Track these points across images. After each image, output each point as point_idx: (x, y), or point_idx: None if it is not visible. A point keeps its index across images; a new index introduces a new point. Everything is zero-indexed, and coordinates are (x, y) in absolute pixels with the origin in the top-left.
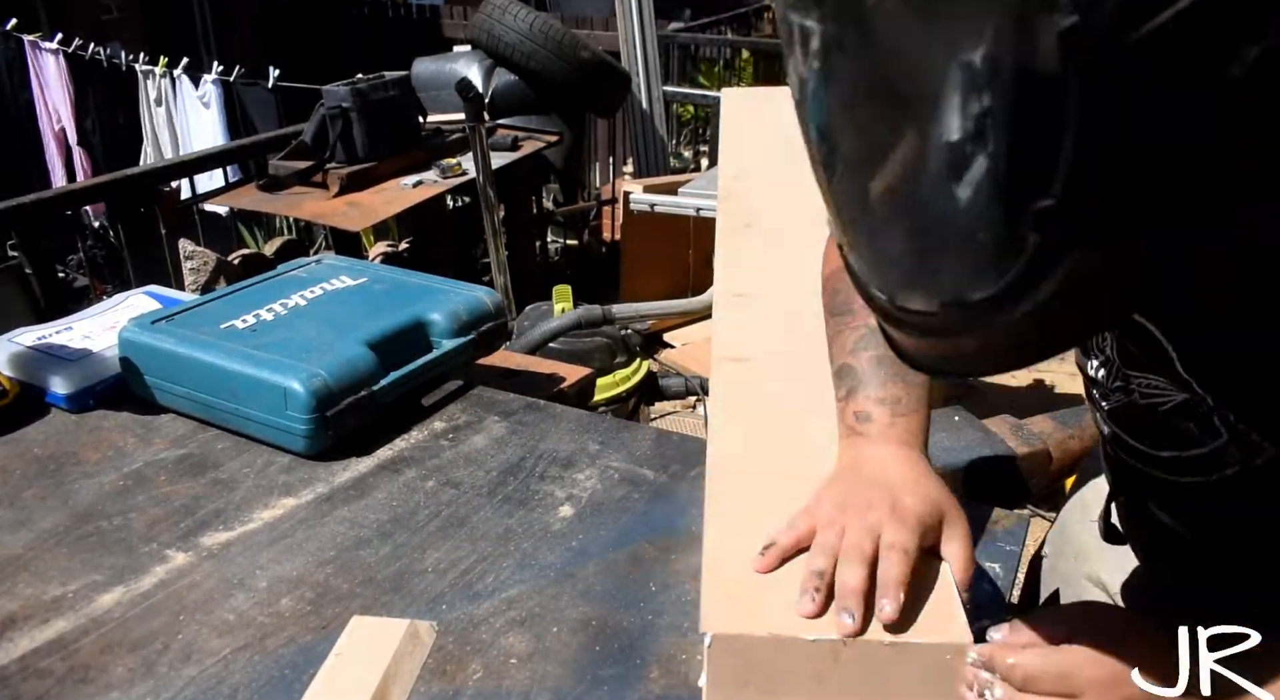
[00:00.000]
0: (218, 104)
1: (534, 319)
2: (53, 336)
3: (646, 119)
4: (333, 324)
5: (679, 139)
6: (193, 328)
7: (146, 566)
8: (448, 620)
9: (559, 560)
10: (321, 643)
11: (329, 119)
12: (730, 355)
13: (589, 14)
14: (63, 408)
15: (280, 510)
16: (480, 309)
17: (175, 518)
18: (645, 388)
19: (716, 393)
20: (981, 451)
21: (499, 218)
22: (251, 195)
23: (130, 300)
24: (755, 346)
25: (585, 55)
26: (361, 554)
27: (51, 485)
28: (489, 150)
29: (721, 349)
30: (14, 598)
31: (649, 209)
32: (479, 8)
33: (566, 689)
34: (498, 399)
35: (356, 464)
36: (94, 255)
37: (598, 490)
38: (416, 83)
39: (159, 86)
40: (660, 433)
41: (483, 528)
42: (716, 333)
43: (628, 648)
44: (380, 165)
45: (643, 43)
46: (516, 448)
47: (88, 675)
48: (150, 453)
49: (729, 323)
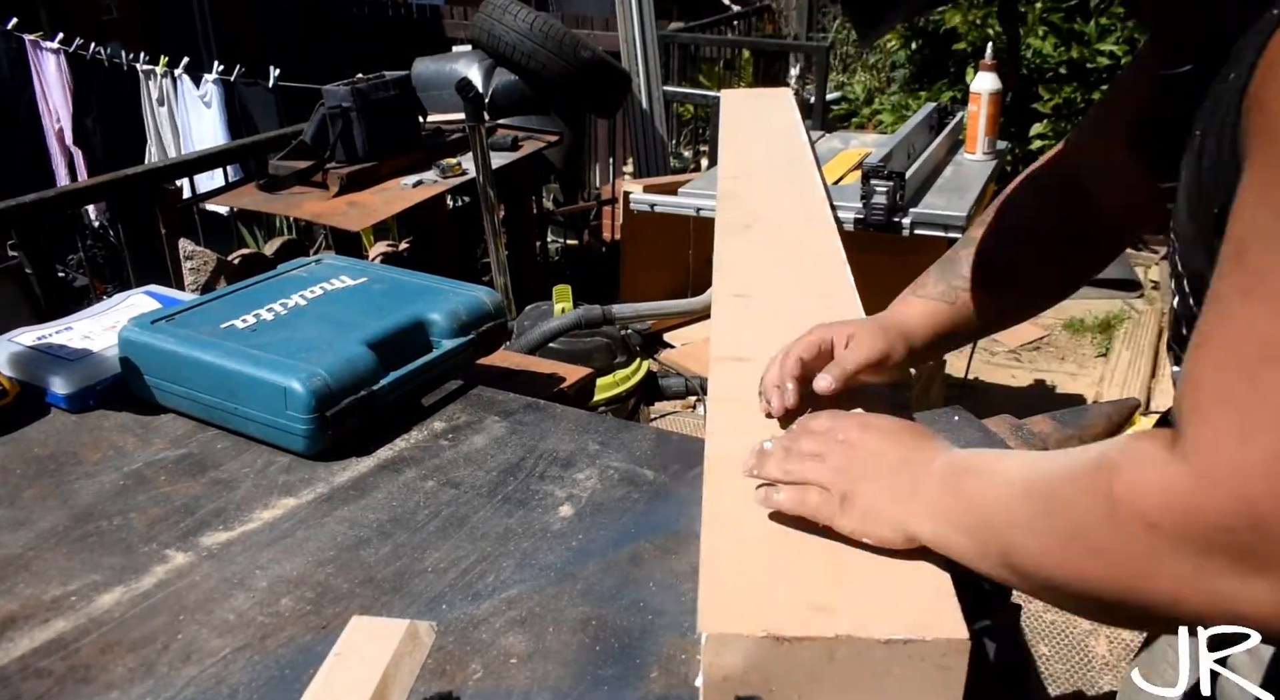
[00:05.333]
0: (219, 103)
1: (534, 319)
2: (53, 336)
3: (646, 119)
4: (333, 324)
5: (679, 139)
6: (193, 327)
7: (146, 566)
8: (448, 620)
9: (559, 560)
10: (321, 643)
11: (329, 119)
12: (729, 355)
13: (589, 14)
14: (63, 408)
15: (280, 510)
16: (480, 309)
17: (175, 518)
18: (645, 388)
19: (715, 392)
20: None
21: (499, 218)
22: (251, 195)
23: (130, 300)
24: (754, 346)
25: (585, 55)
26: (361, 554)
27: (51, 485)
28: (489, 150)
29: (720, 349)
30: (14, 598)
31: (649, 209)
32: (479, 8)
33: (566, 689)
34: (498, 399)
35: (356, 464)
36: (94, 255)
37: (598, 490)
38: (416, 83)
39: (160, 86)
40: (660, 433)
41: (483, 528)
42: (715, 332)
43: (628, 648)
44: (380, 165)
45: (643, 43)
46: (516, 448)
47: (88, 675)
48: (150, 453)
49: (728, 323)
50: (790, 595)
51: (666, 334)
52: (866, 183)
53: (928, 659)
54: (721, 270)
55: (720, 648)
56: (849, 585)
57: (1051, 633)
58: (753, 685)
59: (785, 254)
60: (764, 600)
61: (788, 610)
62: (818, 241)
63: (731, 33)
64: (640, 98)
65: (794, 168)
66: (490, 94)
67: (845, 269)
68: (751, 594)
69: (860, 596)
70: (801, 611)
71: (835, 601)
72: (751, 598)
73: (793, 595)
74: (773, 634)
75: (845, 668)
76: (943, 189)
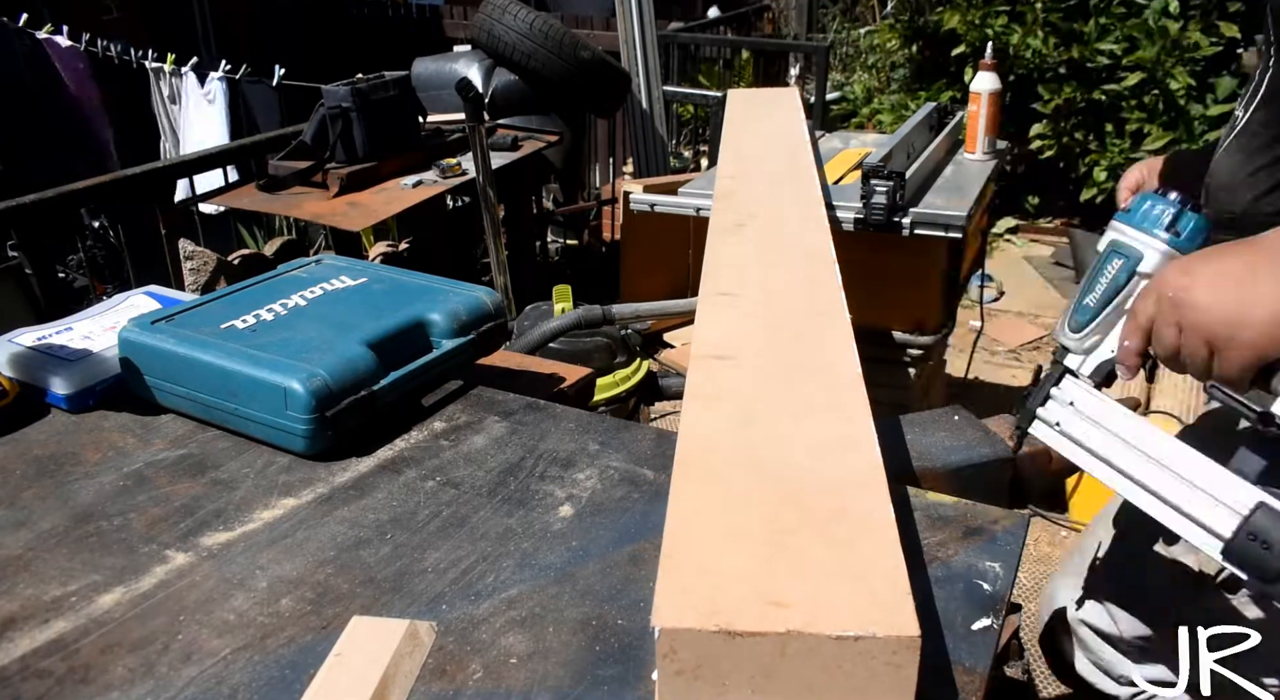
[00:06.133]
0: (222, 101)
1: (534, 319)
2: (53, 337)
3: (646, 119)
4: (333, 324)
5: (679, 139)
6: (193, 328)
7: (146, 567)
8: (448, 620)
9: (559, 560)
10: (321, 643)
11: (329, 119)
12: (710, 353)
13: (589, 14)
14: (63, 408)
15: (280, 510)
16: (480, 309)
17: (175, 518)
18: (645, 388)
19: (692, 389)
20: (981, 451)
21: (499, 217)
22: (251, 195)
23: (130, 300)
24: (736, 345)
25: (585, 55)
26: (361, 554)
27: (51, 486)
28: (489, 150)
29: (702, 346)
30: (14, 598)
31: (649, 209)
32: (479, 8)
33: (566, 689)
34: (498, 399)
35: (356, 464)
36: (94, 255)
37: (598, 490)
38: (416, 83)
39: (170, 83)
40: (660, 433)
41: (483, 528)
42: (698, 330)
43: (628, 648)
44: (380, 165)
45: (643, 43)
46: (516, 448)
47: (88, 676)
48: (150, 453)
49: (712, 321)
50: (746, 590)
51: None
52: (866, 182)
53: (879, 656)
54: (710, 268)
55: (674, 642)
56: (807, 581)
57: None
58: (706, 679)
59: (775, 253)
60: (719, 594)
61: (742, 604)
62: (808, 240)
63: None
64: (640, 98)
65: (793, 167)
66: (490, 94)
67: (833, 267)
68: (707, 588)
69: (816, 592)
70: (756, 606)
71: (791, 596)
72: (707, 592)
73: (749, 590)
74: (725, 628)
75: (797, 663)
76: (943, 189)
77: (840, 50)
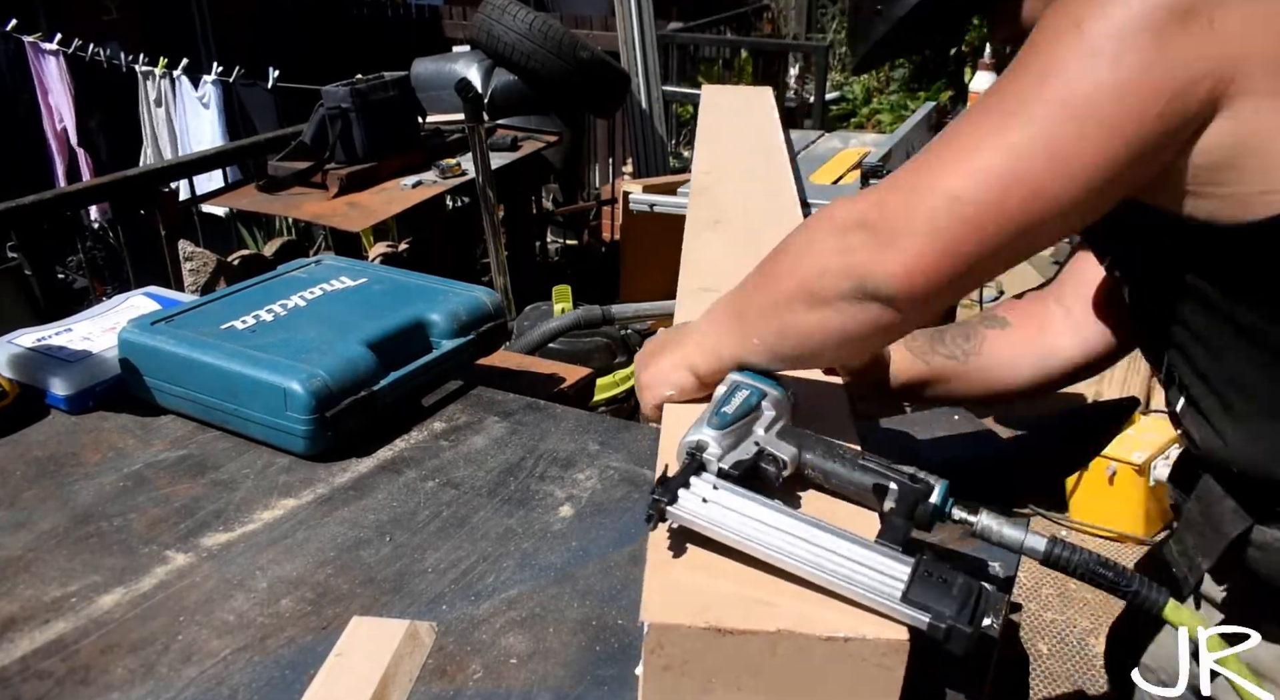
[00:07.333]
0: (217, 104)
1: (534, 319)
2: (52, 338)
3: (646, 119)
4: (332, 324)
5: (679, 139)
6: (192, 329)
7: (146, 567)
8: (448, 620)
9: (559, 560)
10: (321, 643)
11: (328, 119)
12: None
13: (589, 14)
14: (62, 409)
15: (280, 511)
16: (480, 309)
17: (175, 519)
18: None
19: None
20: (982, 451)
21: (499, 218)
22: (251, 196)
23: (130, 301)
24: None
25: (585, 55)
26: (361, 554)
27: (51, 486)
28: (489, 150)
29: None
30: (14, 599)
31: (649, 209)
32: (479, 8)
33: (566, 689)
34: (498, 399)
35: (356, 464)
36: (94, 256)
37: (598, 490)
38: (416, 83)
39: (159, 87)
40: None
41: (483, 528)
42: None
43: (628, 648)
44: (380, 165)
45: (642, 43)
46: (516, 448)
47: (88, 676)
48: (150, 454)
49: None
50: (736, 588)
51: None
52: (866, 182)
53: (868, 658)
54: (689, 265)
55: (662, 637)
56: (797, 581)
57: (1051, 632)
58: (693, 676)
59: (751, 249)
60: (709, 592)
61: (732, 603)
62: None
63: (731, 33)
64: (640, 98)
65: (768, 165)
66: (490, 94)
67: None
68: (697, 585)
69: (806, 592)
70: (746, 604)
71: (780, 596)
72: (697, 589)
73: (738, 588)
74: (714, 626)
75: (786, 662)
76: None
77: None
